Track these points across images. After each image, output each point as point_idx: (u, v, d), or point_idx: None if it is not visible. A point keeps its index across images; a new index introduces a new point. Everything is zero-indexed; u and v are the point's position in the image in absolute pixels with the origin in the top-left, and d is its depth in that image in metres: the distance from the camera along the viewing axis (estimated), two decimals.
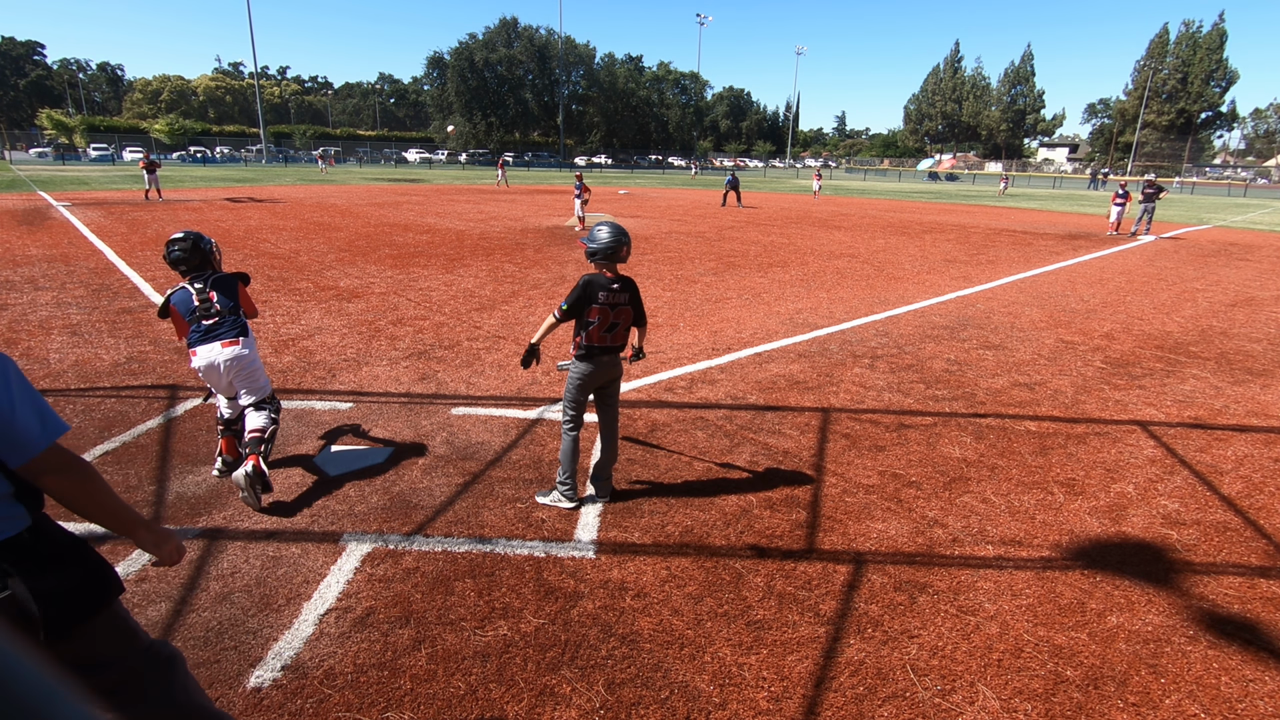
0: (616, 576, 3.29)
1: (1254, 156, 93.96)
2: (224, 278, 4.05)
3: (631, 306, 3.74)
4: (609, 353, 3.74)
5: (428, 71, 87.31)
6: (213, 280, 3.98)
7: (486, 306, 8.74)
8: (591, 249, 3.65)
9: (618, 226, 3.66)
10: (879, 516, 3.89)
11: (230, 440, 4.20)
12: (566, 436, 3.84)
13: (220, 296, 3.94)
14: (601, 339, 3.67)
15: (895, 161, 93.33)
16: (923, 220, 22.50)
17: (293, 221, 17.85)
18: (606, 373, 3.78)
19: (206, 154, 66.87)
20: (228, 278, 4.08)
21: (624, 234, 3.65)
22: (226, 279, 4.06)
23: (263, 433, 3.93)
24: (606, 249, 3.62)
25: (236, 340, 3.93)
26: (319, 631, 2.88)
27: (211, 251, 4.07)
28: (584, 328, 3.64)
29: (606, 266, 3.68)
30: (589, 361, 3.70)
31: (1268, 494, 4.31)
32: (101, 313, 8.03)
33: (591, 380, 3.75)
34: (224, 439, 4.20)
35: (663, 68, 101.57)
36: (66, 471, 1.62)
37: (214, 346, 3.88)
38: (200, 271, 4.01)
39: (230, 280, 4.08)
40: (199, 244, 3.98)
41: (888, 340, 7.60)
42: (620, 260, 3.67)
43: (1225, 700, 2.64)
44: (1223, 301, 10.38)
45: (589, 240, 3.67)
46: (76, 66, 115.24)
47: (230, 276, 4.11)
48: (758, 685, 2.65)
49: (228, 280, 4.06)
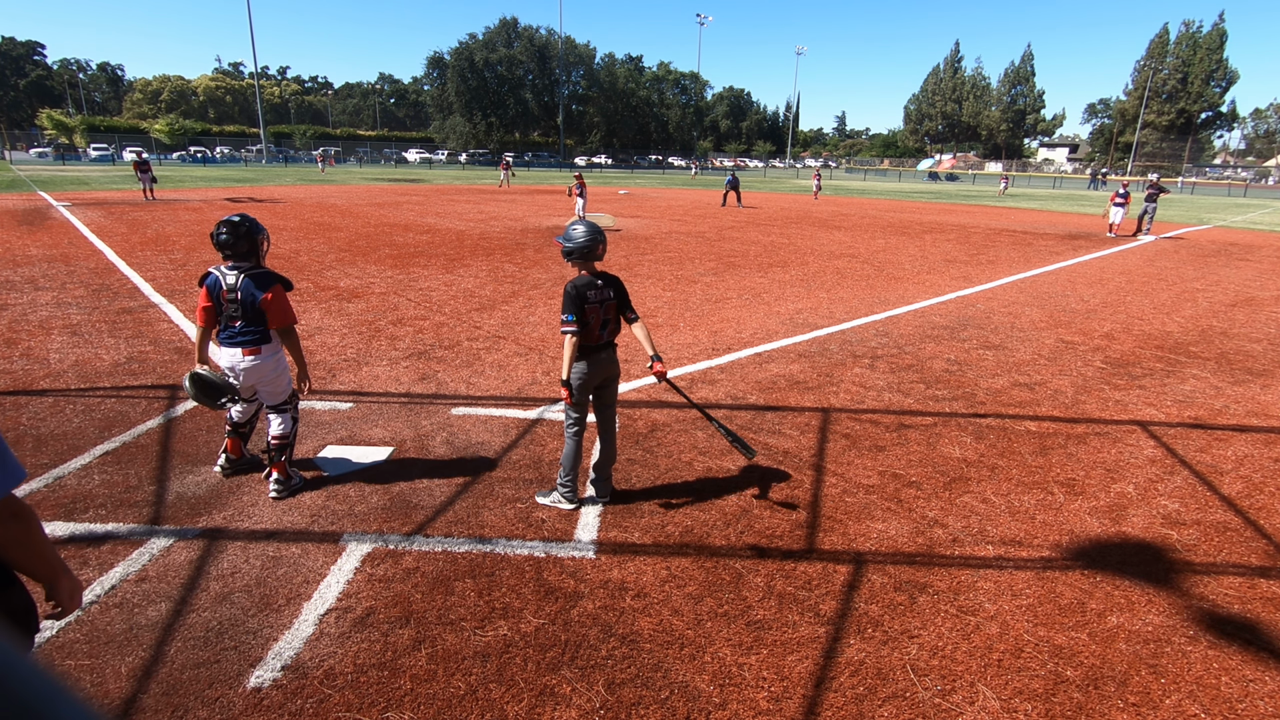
0: (616, 576, 3.29)
1: (1254, 156, 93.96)
2: (261, 275, 3.82)
3: (617, 300, 3.76)
4: (605, 349, 3.77)
5: (428, 72, 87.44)
6: (247, 275, 3.77)
7: (486, 306, 8.74)
8: (568, 248, 3.66)
9: (593, 225, 3.67)
10: (879, 516, 3.89)
11: (236, 441, 4.17)
12: (570, 439, 3.83)
13: (245, 296, 3.73)
14: (598, 337, 3.69)
15: (895, 161, 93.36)
16: (923, 220, 22.50)
17: (293, 221, 17.85)
18: (604, 370, 3.79)
19: (206, 154, 66.88)
20: (264, 276, 3.82)
21: (599, 232, 3.66)
22: (262, 277, 3.81)
23: (284, 439, 3.93)
24: (582, 248, 3.62)
25: (256, 349, 3.79)
26: (319, 631, 2.88)
27: (259, 242, 3.86)
28: (581, 329, 3.64)
29: (584, 266, 3.68)
30: (588, 360, 3.70)
31: (1268, 494, 4.31)
32: (101, 313, 8.03)
33: (591, 379, 3.74)
34: (230, 439, 4.16)
35: (663, 68, 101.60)
36: (16, 519, 1.55)
37: (235, 352, 3.80)
38: (244, 261, 3.81)
39: (264, 280, 3.81)
40: (247, 231, 3.77)
41: (888, 340, 7.60)
42: (597, 259, 3.67)
43: (1225, 700, 2.64)
44: (1223, 301, 10.38)
45: (564, 240, 3.68)
46: (77, 67, 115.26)
47: (267, 276, 3.84)
48: (758, 685, 2.65)
49: (262, 279, 3.80)
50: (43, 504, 3.83)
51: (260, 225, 3.90)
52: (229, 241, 3.75)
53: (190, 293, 9.17)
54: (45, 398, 5.40)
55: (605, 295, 3.68)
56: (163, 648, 2.78)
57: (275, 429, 3.94)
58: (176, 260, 11.67)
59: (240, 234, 3.76)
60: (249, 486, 4.08)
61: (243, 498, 3.94)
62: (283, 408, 4.00)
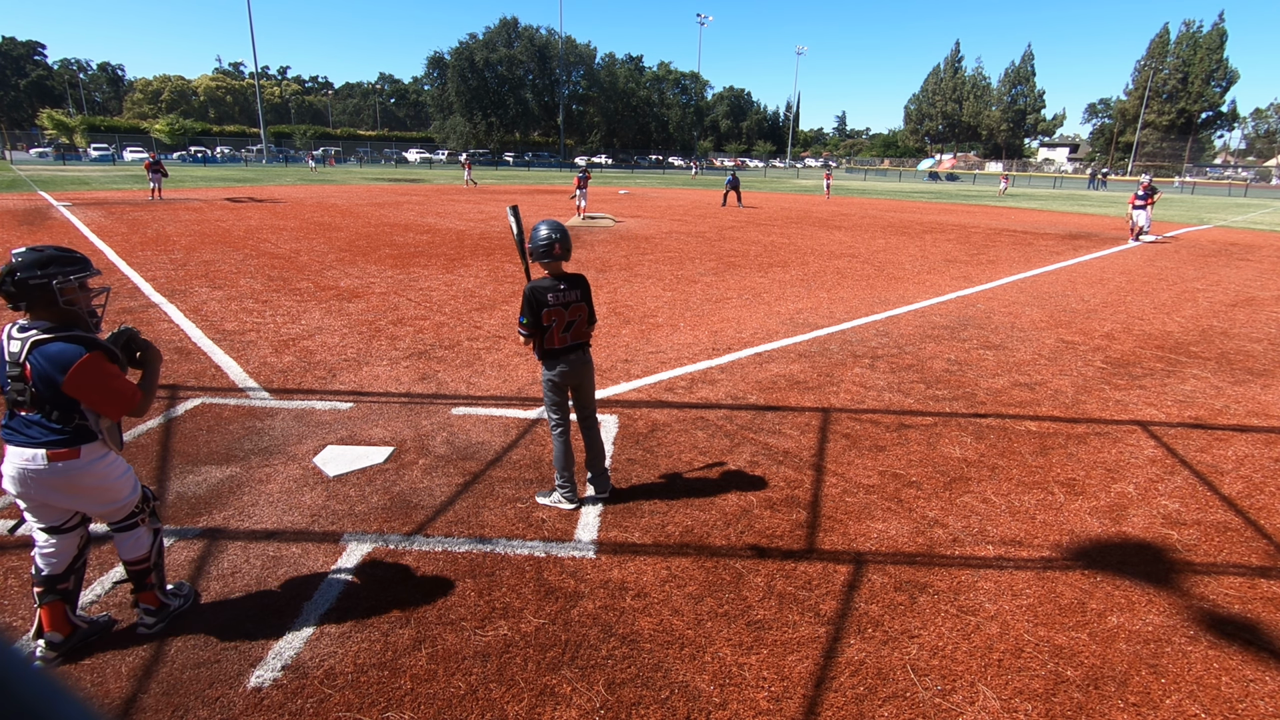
0: (617, 576, 3.29)
1: (1254, 156, 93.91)
2: (62, 341, 2.44)
3: (585, 303, 3.77)
4: (574, 351, 3.77)
5: (428, 71, 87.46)
6: (35, 342, 2.43)
7: (487, 306, 8.74)
8: (529, 249, 3.69)
9: (556, 224, 3.68)
10: (879, 516, 3.89)
11: (57, 608, 2.66)
12: (557, 440, 3.87)
13: (37, 371, 2.42)
14: (562, 340, 3.71)
15: (895, 161, 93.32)
16: (923, 220, 22.50)
17: (293, 221, 17.86)
18: (578, 371, 3.81)
19: (207, 154, 66.91)
20: (67, 342, 2.44)
21: (559, 230, 3.65)
22: (56, 350, 2.42)
23: (144, 562, 2.75)
24: (539, 248, 3.63)
25: (34, 448, 2.46)
26: (319, 631, 2.88)
27: (44, 287, 2.44)
28: (543, 333, 3.66)
29: (549, 266, 3.69)
30: (557, 362, 3.73)
31: (1268, 494, 4.31)
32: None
33: (565, 380, 3.79)
34: (44, 606, 2.64)
35: (663, 68, 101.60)
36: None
37: (19, 452, 2.49)
38: (30, 313, 2.50)
39: (66, 350, 2.43)
40: (13, 272, 2.43)
41: (888, 340, 7.59)
42: (559, 259, 3.66)
43: (1226, 700, 2.64)
44: (1223, 301, 10.38)
45: (530, 240, 3.70)
46: (77, 66, 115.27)
47: (72, 343, 2.45)
48: (758, 685, 2.65)
49: (56, 353, 2.42)
50: None
51: (66, 258, 2.54)
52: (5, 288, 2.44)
53: (192, 292, 9.17)
54: None
55: (569, 297, 3.67)
56: (163, 647, 2.79)
57: (128, 551, 2.73)
58: (177, 260, 11.68)
59: (15, 278, 2.42)
60: (249, 486, 4.08)
61: (243, 498, 3.94)
62: (131, 521, 2.72)
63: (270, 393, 5.61)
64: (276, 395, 5.56)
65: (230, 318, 7.94)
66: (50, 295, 2.47)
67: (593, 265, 12.01)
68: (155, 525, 2.83)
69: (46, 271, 2.46)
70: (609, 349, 7.00)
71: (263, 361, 6.39)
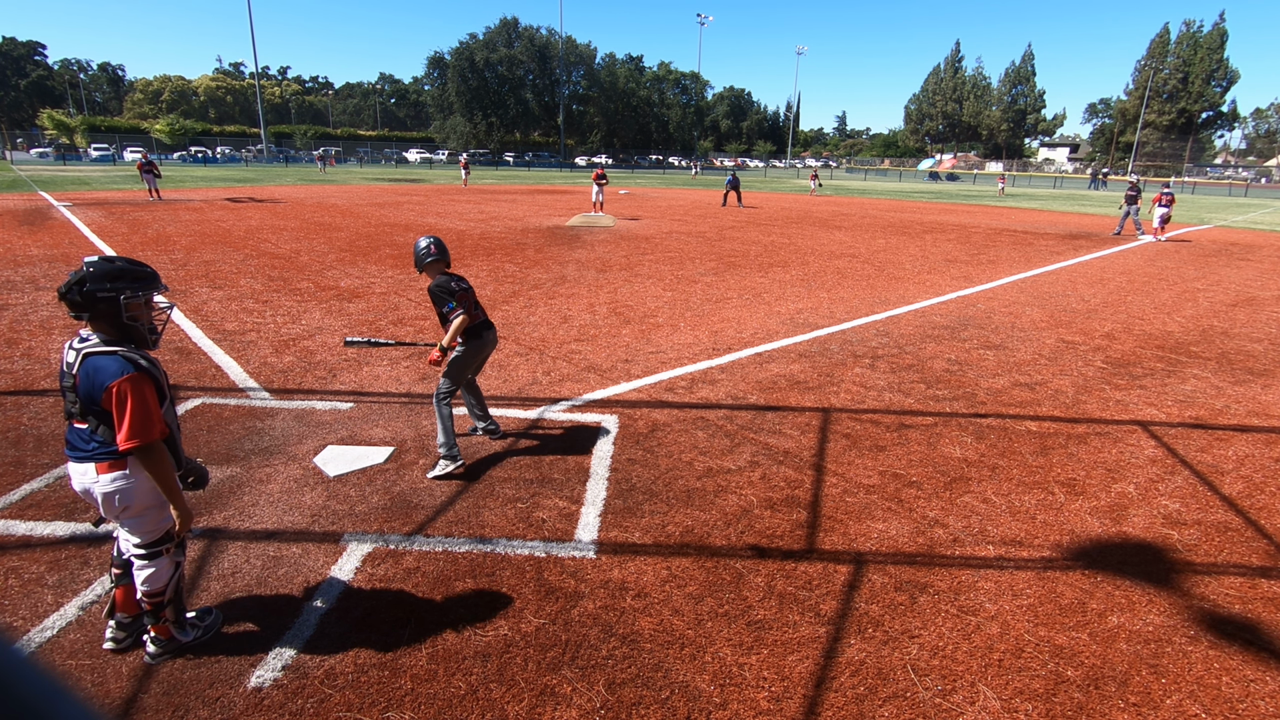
0: (617, 576, 3.29)
1: (1255, 156, 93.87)
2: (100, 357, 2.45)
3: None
4: (489, 328, 4.48)
5: (428, 71, 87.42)
6: (87, 354, 2.45)
7: (487, 306, 8.70)
8: (416, 258, 4.39)
9: (432, 238, 4.40)
10: (879, 516, 3.89)
11: (129, 590, 2.78)
12: (444, 408, 4.24)
13: (83, 383, 2.45)
14: (478, 315, 4.38)
15: (896, 161, 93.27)
16: (923, 220, 22.50)
17: (293, 221, 17.86)
18: (492, 345, 4.52)
19: (207, 154, 66.88)
20: (101, 362, 2.43)
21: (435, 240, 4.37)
22: (101, 364, 2.43)
23: (159, 597, 2.69)
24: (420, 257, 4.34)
25: (87, 462, 2.52)
26: (319, 631, 2.88)
27: (110, 300, 2.45)
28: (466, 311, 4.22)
29: (437, 269, 4.36)
30: (482, 337, 4.39)
31: (1268, 494, 4.31)
32: None
33: (480, 353, 4.41)
34: (118, 588, 2.78)
35: (663, 68, 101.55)
36: None
37: (71, 467, 2.57)
38: (91, 324, 2.51)
39: (101, 368, 2.42)
40: (83, 282, 2.43)
41: (888, 340, 7.59)
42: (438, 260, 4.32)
43: (1226, 700, 2.64)
44: (1224, 301, 10.38)
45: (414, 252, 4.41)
46: (77, 67, 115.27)
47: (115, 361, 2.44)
48: (758, 685, 2.65)
49: (99, 367, 2.43)
50: (43, 504, 3.84)
51: (136, 273, 2.53)
52: (63, 294, 2.46)
53: (192, 292, 9.18)
54: (46, 398, 5.41)
55: (464, 285, 4.34)
56: None
57: (145, 582, 2.67)
58: (177, 260, 11.68)
59: (70, 283, 2.43)
60: (249, 486, 4.08)
61: (243, 498, 3.94)
62: (155, 550, 2.67)
63: (270, 393, 5.61)
64: (277, 395, 5.56)
65: (230, 318, 7.94)
66: (115, 309, 2.48)
67: (593, 265, 12.00)
68: (178, 559, 2.76)
69: (116, 285, 2.46)
70: (609, 349, 7.00)
71: (263, 361, 6.40)
